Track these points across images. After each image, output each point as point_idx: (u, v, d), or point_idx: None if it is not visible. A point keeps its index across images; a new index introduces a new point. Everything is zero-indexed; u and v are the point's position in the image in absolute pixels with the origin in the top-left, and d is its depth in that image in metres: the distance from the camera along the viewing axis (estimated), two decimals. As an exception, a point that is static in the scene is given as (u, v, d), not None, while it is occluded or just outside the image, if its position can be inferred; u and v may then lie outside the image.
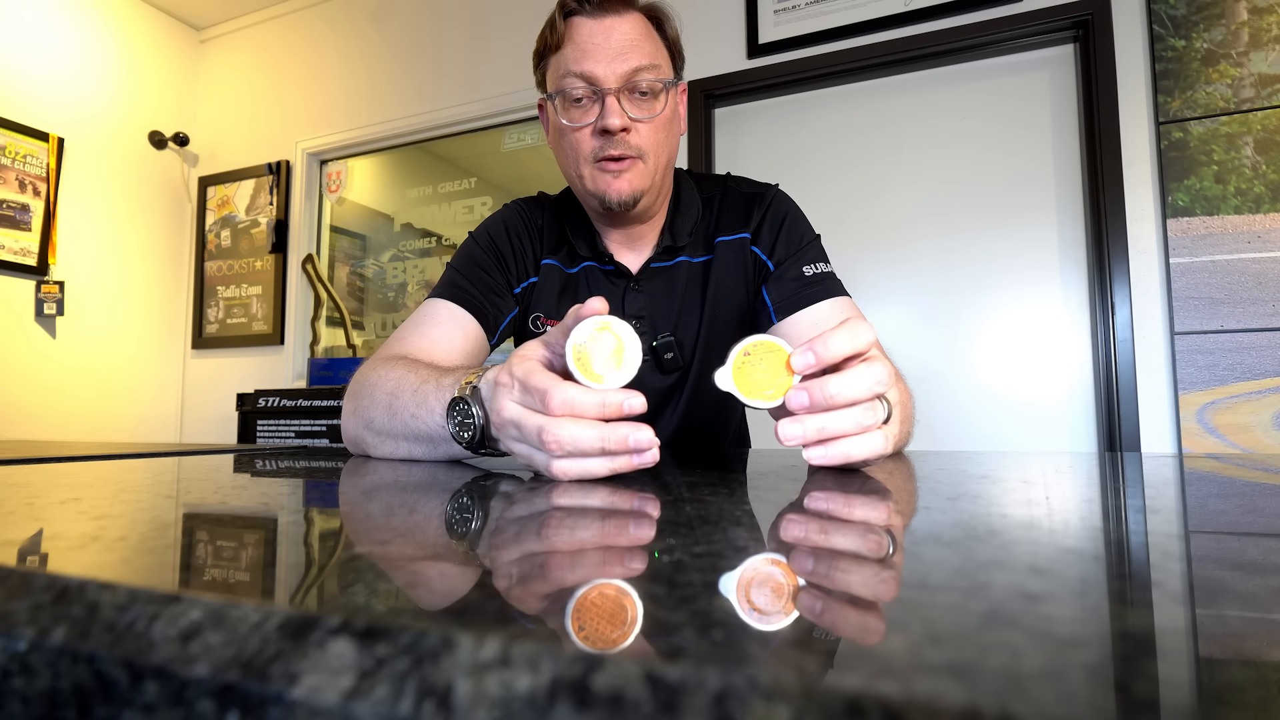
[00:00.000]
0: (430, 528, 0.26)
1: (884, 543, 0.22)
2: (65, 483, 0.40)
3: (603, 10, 0.75)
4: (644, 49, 0.75)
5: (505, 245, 0.86)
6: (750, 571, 0.18)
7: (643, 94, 0.76)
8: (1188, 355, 1.64)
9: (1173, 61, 1.70)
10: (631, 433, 0.41)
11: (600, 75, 0.74)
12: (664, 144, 0.79)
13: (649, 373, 0.86)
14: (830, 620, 0.15)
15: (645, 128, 0.77)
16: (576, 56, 0.75)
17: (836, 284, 0.83)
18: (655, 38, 0.78)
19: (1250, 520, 0.28)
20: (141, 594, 0.15)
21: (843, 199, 2.05)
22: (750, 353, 0.44)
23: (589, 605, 0.15)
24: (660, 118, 0.77)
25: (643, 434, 0.41)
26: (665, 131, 0.79)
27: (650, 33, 0.78)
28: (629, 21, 0.75)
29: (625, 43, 0.74)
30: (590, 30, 0.75)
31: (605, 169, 0.77)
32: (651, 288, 0.86)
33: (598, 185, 0.78)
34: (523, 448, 0.45)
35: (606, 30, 0.74)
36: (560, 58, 0.77)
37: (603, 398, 0.42)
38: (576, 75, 0.75)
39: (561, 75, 0.76)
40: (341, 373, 2.47)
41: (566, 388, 0.42)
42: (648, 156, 0.77)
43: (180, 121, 3.08)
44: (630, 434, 0.41)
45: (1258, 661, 0.13)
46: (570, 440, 0.41)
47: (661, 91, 0.77)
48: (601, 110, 0.75)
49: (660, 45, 0.79)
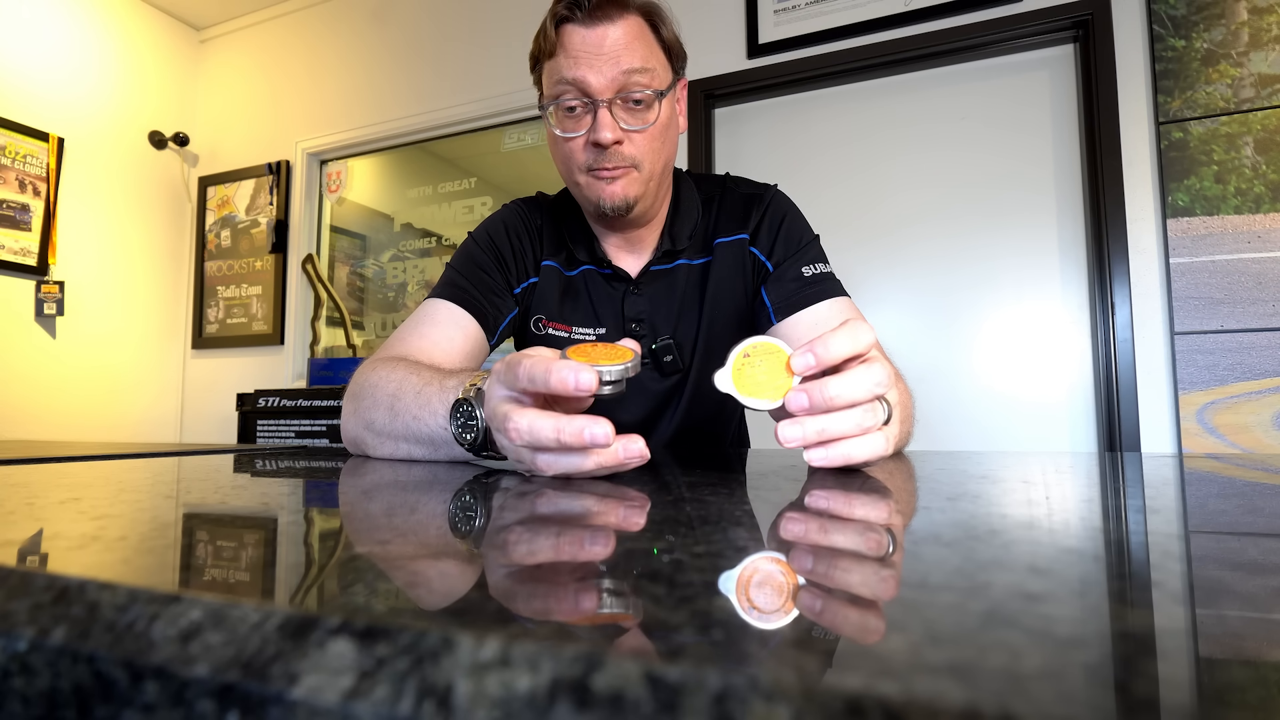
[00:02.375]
0: (430, 528, 0.26)
1: (884, 542, 0.22)
2: (65, 483, 0.40)
3: (594, 18, 0.73)
4: (637, 55, 0.74)
5: (505, 245, 0.86)
6: (750, 571, 0.18)
7: (636, 102, 0.74)
8: (1188, 355, 1.64)
9: (1173, 61, 1.70)
10: (587, 425, 0.39)
11: (592, 85, 0.73)
12: (660, 151, 0.78)
13: (649, 375, 0.86)
14: (830, 620, 0.15)
15: (639, 137, 0.76)
16: (569, 65, 0.73)
17: (836, 284, 0.83)
18: (650, 40, 0.76)
19: (1250, 520, 0.28)
20: (141, 594, 0.15)
21: (843, 199, 2.05)
22: (750, 354, 0.44)
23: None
24: (655, 126, 0.76)
25: (599, 427, 0.39)
26: (661, 139, 0.78)
27: (644, 35, 0.76)
28: (622, 27, 0.74)
29: (618, 50, 0.73)
30: (583, 38, 0.73)
31: (599, 176, 0.76)
32: (650, 291, 0.85)
33: (593, 192, 0.77)
34: (505, 440, 0.44)
35: (599, 38, 0.73)
36: (553, 65, 0.75)
37: (556, 369, 0.41)
38: (569, 84, 0.74)
39: (555, 83, 0.75)
40: (341, 373, 2.47)
41: (534, 361, 0.42)
42: (642, 165, 0.76)
43: (180, 121, 3.08)
44: (585, 427, 0.39)
45: (1258, 661, 0.13)
46: (528, 429, 0.41)
47: (656, 99, 0.75)
48: (594, 121, 0.74)
49: (655, 48, 0.77)
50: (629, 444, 0.40)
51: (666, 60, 0.78)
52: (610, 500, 0.33)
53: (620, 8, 0.74)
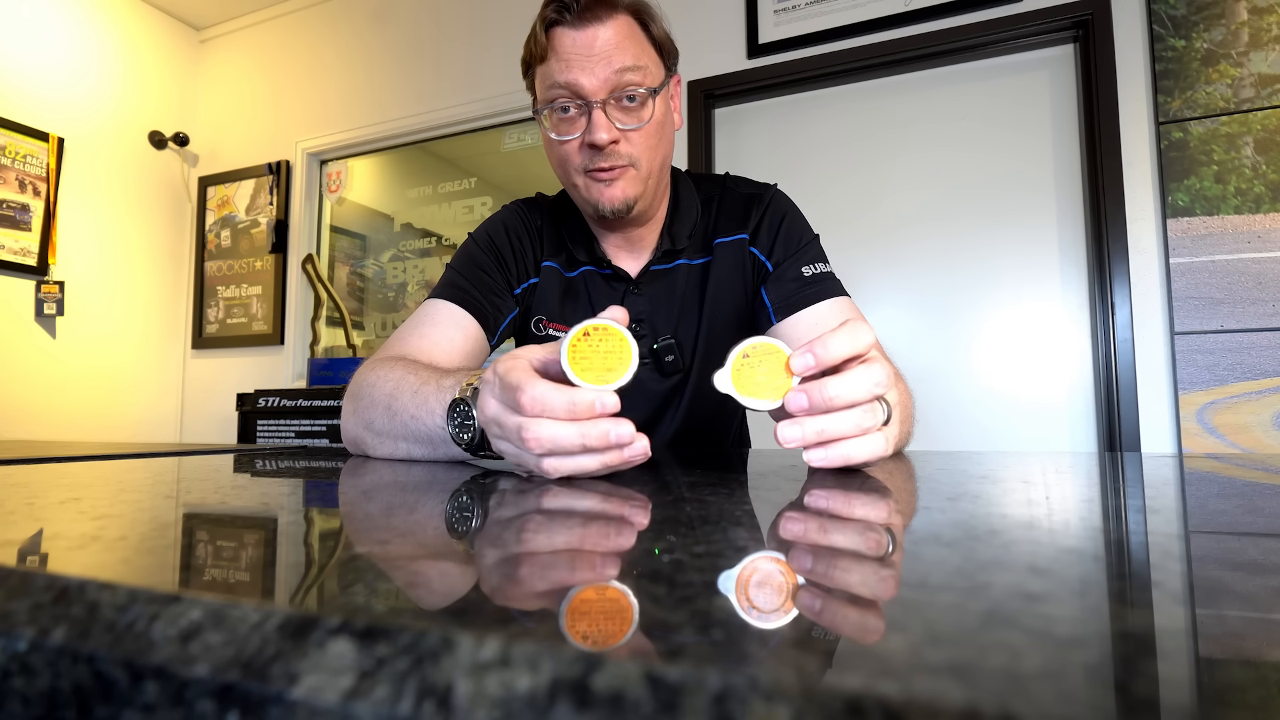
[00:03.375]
0: (430, 527, 0.26)
1: (884, 541, 0.22)
2: (65, 483, 0.40)
3: (584, 20, 0.73)
4: (629, 54, 0.74)
5: (505, 246, 0.86)
6: (750, 570, 0.18)
7: (630, 99, 0.74)
8: (1188, 355, 1.64)
9: (1173, 61, 1.70)
10: (612, 428, 0.40)
11: (585, 87, 0.73)
12: (656, 148, 0.78)
13: (649, 376, 0.86)
14: (830, 620, 0.15)
15: (635, 135, 0.76)
16: (560, 69, 0.73)
17: (836, 284, 0.83)
18: (641, 39, 0.76)
19: (1250, 520, 0.28)
20: (141, 594, 0.15)
21: (843, 199, 2.05)
22: (749, 355, 0.44)
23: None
24: (650, 124, 0.76)
25: (624, 428, 0.40)
26: (656, 137, 0.78)
27: (635, 34, 0.76)
28: (612, 27, 0.73)
29: (609, 51, 0.73)
30: (573, 41, 0.73)
31: (597, 178, 0.76)
32: (651, 291, 0.86)
33: (591, 194, 0.77)
34: (508, 446, 0.45)
35: (589, 40, 0.73)
36: (545, 69, 0.75)
37: (572, 396, 0.41)
38: (562, 87, 0.74)
39: (548, 87, 0.75)
40: (341, 373, 2.47)
41: (538, 384, 0.42)
42: (639, 163, 0.76)
43: (180, 121, 3.08)
44: (611, 429, 0.40)
45: (1258, 661, 0.13)
46: (550, 439, 0.40)
47: (650, 97, 0.75)
48: (589, 123, 0.74)
49: (646, 46, 0.77)
50: (618, 428, 0.41)
51: (658, 57, 0.78)
52: (613, 499, 0.33)
53: (609, 8, 0.74)
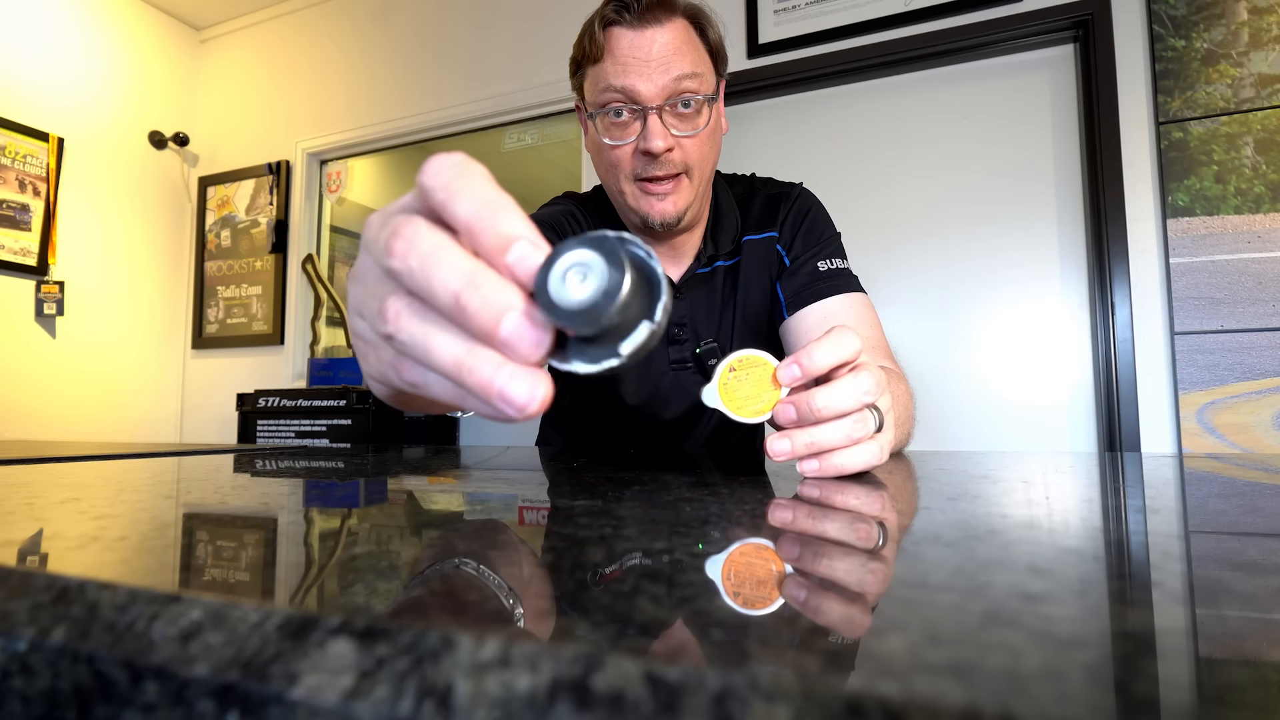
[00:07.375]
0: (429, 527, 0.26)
1: (883, 541, 0.22)
2: (65, 483, 0.40)
3: (643, 21, 0.71)
4: (687, 60, 0.71)
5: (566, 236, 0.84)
6: (750, 570, 0.18)
7: (685, 106, 0.72)
8: (1188, 355, 1.64)
9: (1173, 61, 1.70)
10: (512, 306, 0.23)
11: (642, 92, 0.71)
12: (708, 156, 0.76)
13: (692, 380, 0.85)
14: (830, 619, 0.15)
15: (690, 143, 0.74)
16: (617, 71, 0.71)
17: (851, 280, 0.82)
18: (697, 44, 0.74)
19: (1250, 520, 0.28)
20: (141, 594, 0.15)
21: (842, 199, 2.04)
22: (735, 368, 0.43)
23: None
24: (705, 132, 0.74)
25: (528, 332, 0.22)
26: (709, 144, 0.76)
27: (692, 39, 0.74)
28: (670, 31, 0.72)
29: (667, 55, 0.71)
30: (631, 42, 0.71)
31: (648, 190, 0.74)
32: (692, 296, 0.84)
33: (640, 206, 0.75)
34: (361, 326, 0.28)
35: (648, 42, 0.71)
36: (599, 70, 0.73)
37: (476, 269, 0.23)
38: (618, 91, 0.72)
39: (601, 90, 0.73)
40: (342, 373, 2.47)
41: (426, 230, 0.24)
42: (693, 171, 0.75)
43: (180, 121, 3.08)
44: (509, 308, 0.22)
45: (1258, 661, 0.13)
46: (420, 253, 0.23)
47: (705, 104, 0.74)
48: (644, 129, 0.72)
49: (702, 51, 0.75)
50: (524, 380, 0.22)
51: (712, 64, 0.77)
52: (615, 497, 0.33)
53: (668, 10, 0.72)
